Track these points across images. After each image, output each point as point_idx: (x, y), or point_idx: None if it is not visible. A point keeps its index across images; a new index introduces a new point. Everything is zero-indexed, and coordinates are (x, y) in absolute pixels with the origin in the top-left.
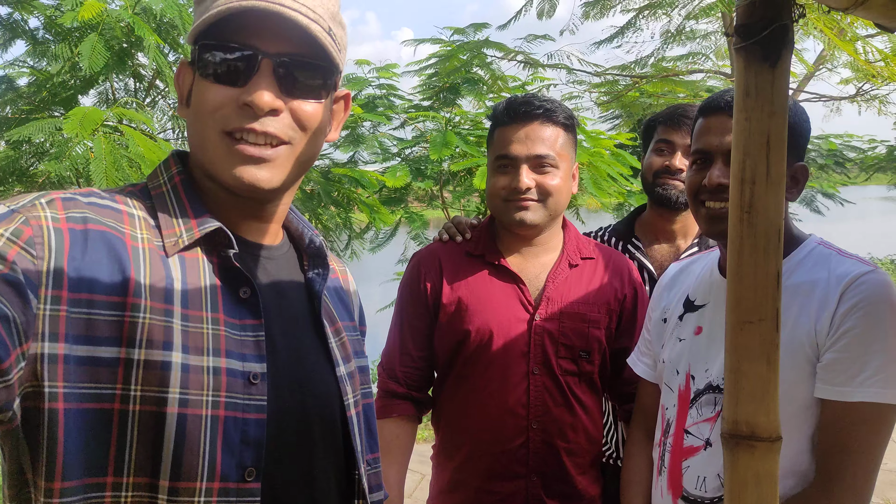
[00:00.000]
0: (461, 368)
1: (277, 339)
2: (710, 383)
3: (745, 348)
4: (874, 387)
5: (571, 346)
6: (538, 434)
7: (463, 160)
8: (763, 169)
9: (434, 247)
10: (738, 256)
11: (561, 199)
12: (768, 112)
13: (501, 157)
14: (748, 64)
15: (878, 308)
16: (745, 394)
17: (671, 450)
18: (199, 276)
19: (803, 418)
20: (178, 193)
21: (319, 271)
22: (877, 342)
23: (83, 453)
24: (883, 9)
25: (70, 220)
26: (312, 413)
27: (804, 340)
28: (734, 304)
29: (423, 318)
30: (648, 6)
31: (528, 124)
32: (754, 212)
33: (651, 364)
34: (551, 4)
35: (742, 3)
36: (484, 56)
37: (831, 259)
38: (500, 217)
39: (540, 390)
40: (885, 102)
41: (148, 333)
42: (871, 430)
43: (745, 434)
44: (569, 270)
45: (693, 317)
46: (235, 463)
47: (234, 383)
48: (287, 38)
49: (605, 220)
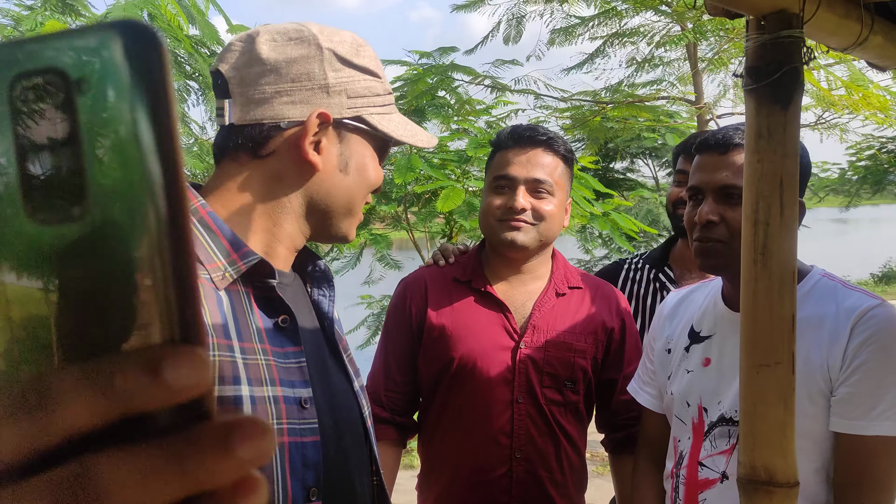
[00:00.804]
0: (445, 395)
1: (309, 362)
2: (722, 416)
3: (762, 392)
4: (889, 420)
5: (556, 375)
6: (522, 463)
7: (427, 183)
8: (777, 210)
9: (421, 272)
10: (753, 298)
11: (553, 226)
12: (781, 154)
13: (500, 178)
14: (759, 106)
15: (889, 342)
16: (761, 438)
17: (685, 482)
18: (245, 309)
19: (818, 451)
20: (208, 226)
21: (325, 293)
22: (890, 376)
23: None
24: (879, 49)
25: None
26: (344, 428)
27: (817, 375)
28: (749, 347)
29: (408, 344)
30: (615, 35)
31: (530, 149)
32: (768, 253)
33: (656, 395)
34: (517, 31)
35: (753, 45)
36: (451, 80)
37: (837, 292)
38: (490, 237)
39: (524, 419)
40: (845, 130)
41: (220, 371)
42: (888, 462)
43: (762, 480)
44: (555, 299)
45: (699, 348)
46: (301, 485)
47: (291, 410)
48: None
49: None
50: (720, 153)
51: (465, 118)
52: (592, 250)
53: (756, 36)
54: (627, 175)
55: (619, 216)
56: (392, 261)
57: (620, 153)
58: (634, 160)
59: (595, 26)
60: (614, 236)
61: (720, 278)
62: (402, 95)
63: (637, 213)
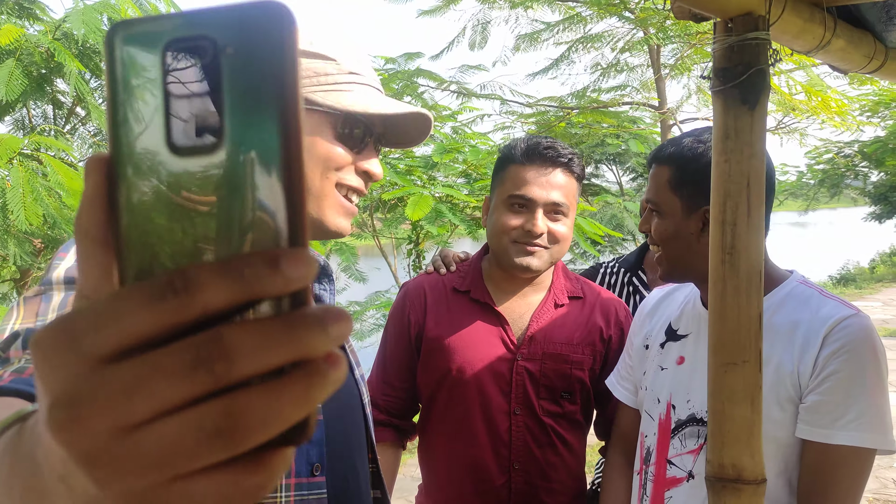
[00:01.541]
0: (443, 405)
1: None
2: (692, 415)
3: (729, 391)
4: (855, 430)
5: (553, 387)
6: (520, 474)
7: (393, 189)
8: (744, 210)
9: (421, 279)
10: (721, 298)
11: (565, 247)
12: (748, 154)
13: (517, 197)
14: (727, 107)
15: (861, 352)
16: (730, 436)
17: (653, 479)
18: None
19: (781, 457)
20: None
21: (326, 287)
22: (859, 387)
23: None
24: (841, 52)
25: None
26: (346, 413)
27: (787, 381)
28: (717, 345)
29: (406, 351)
30: (579, 40)
31: (550, 169)
32: (736, 253)
33: (632, 389)
34: (483, 36)
35: (720, 47)
36: (416, 85)
37: (812, 299)
38: (501, 256)
39: (521, 430)
40: (805, 135)
41: None
42: (851, 471)
43: (730, 477)
44: (554, 310)
45: (675, 346)
46: (305, 460)
47: None
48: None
49: None
50: (663, 165)
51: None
52: None
53: (723, 38)
54: (592, 180)
55: (584, 221)
56: (357, 272)
57: (585, 158)
58: (599, 166)
59: (560, 32)
60: (579, 241)
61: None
62: None
63: (602, 217)
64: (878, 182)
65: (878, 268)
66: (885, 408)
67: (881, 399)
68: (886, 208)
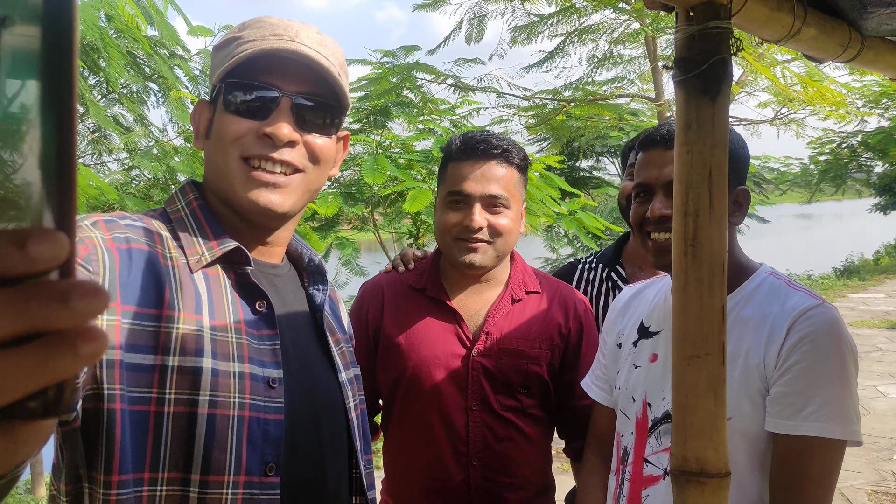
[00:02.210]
0: (402, 403)
1: (289, 348)
2: (668, 412)
3: (693, 383)
4: (818, 421)
5: (509, 382)
6: (479, 470)
7: (393, 184)
8: (706, 201)
9: (379, 278)
10: (683, 290)
11: (510, 240)
12: (710, 145)
13: (455, 194)
14: (688, 97)
15: (824, 342)
16: (693, 430)
17: (630, 478)
18: (222, 291)
19: (755, 451)
20: (196, 217)
21: (319, 287)
22: (821, 377)
23: (131, 451)
24: (813, 41)
25: (115, 239)
26: (321, 415)
27: (755, 374)
28: (680, 338)
29: (365, 350)
30: (575, 32)
31: (484, 163)
32: (698, 245)
33: (607, 389)
34: (479, 30)
35: (681, 36)
36: (414, 79)
37: (781, 291)
38: (447, 255)
39: (479, 426)
40: (802, 125)
41: (182, 342)
42: (819, 463)
43: (694, 471)
44: (510, 306)
45: (648, 343)
46: (258, 459)
47: (257, 387)
48: (305, 80)
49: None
50: (666, 148)
51: (429, 117)
52: (559, 249)
53: (685, 27)
54: (593, 173)
55: (584, 215)
56: (357, 266)
57: (584, 151)
58: (600, 158)
59: (555, 24)
60: (580, 235)
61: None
62: (367, 95)
63: (602, 211)
64: (882, 173)
65: (882, 259)
66: (850, 398)
67: (845, 389)
68: (891, 199)
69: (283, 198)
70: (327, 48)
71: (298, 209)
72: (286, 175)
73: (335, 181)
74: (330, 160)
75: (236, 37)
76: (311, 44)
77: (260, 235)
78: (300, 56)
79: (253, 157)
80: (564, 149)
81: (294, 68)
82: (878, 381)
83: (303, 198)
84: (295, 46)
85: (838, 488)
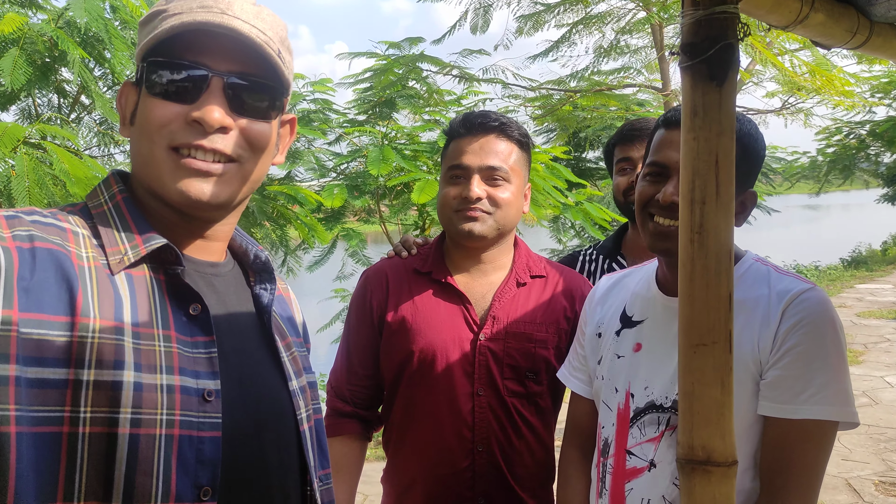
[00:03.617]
0: (406, 388)
1: (230, 355)
2: (652, 402)
3: (699, 371)
4: (817, 404)
5: (517, 366)
6: (484, 456)
7: (399, 175)
8: (713, 189)
9: (382, 264)
10: (690, 279)
11: (510, 213)
12: (716, 131)
13: (454, 168)
14: (695, 83)
15: (819, 325)
16: (699, 418)
17: (612, 471)
18: (148, 294)
19: (746, 437)
20: (120, 211)
21: (266, 286)
22: (819, 360)
23: (34, 478)
24: (821, 27)
25: (16, 238)
26: (267, 429)
27: (747, 358)
28: (687, 326)
29: (370, 337)
30: (581, 21)
31: (482, 136)
32: (705, 233)
33: (586, 380)
34: (485, 20)
35: (687, 22)
36: (419, 70)
37: (770, 276)
38: (448, 228)
39: (485, 411)
40: (810, 115)
41: (98, 353)
42: (815, 446)
43: (700, 459)
44: (516, 289)
45: (631, 333)
46: (191, 482)
47: (189, 401)
48: (238, 58)
49: (542, 234)
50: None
51: (435, 108)
52: (565, 241)
53: (691, 12)
54: (600, 164)
55: (591, 206)
56: (364, 257)
57: (591, 142)
58: None
59: (562, 13)
60: (587, 226)
61: (654, 263)
62: (371, 87)
63: (609, 202)
64: (890, 163)
65: (889, 250)
66: (847, 379)
67: (842, 371)
68: None
69: (217, 188)
70: (265, 21)
71: (236, 200)
72: (220, 163)
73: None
74: (271, 147)
75: (162, 10)
76: (245, 16)
77: (196, 230)
78: (231, 31)
79: (181, 146)
80: (571, 139)
81: (226, 44)
82: (886, 371)
83: (240, 188)
84: (225, 20)
85: (846, 478)
